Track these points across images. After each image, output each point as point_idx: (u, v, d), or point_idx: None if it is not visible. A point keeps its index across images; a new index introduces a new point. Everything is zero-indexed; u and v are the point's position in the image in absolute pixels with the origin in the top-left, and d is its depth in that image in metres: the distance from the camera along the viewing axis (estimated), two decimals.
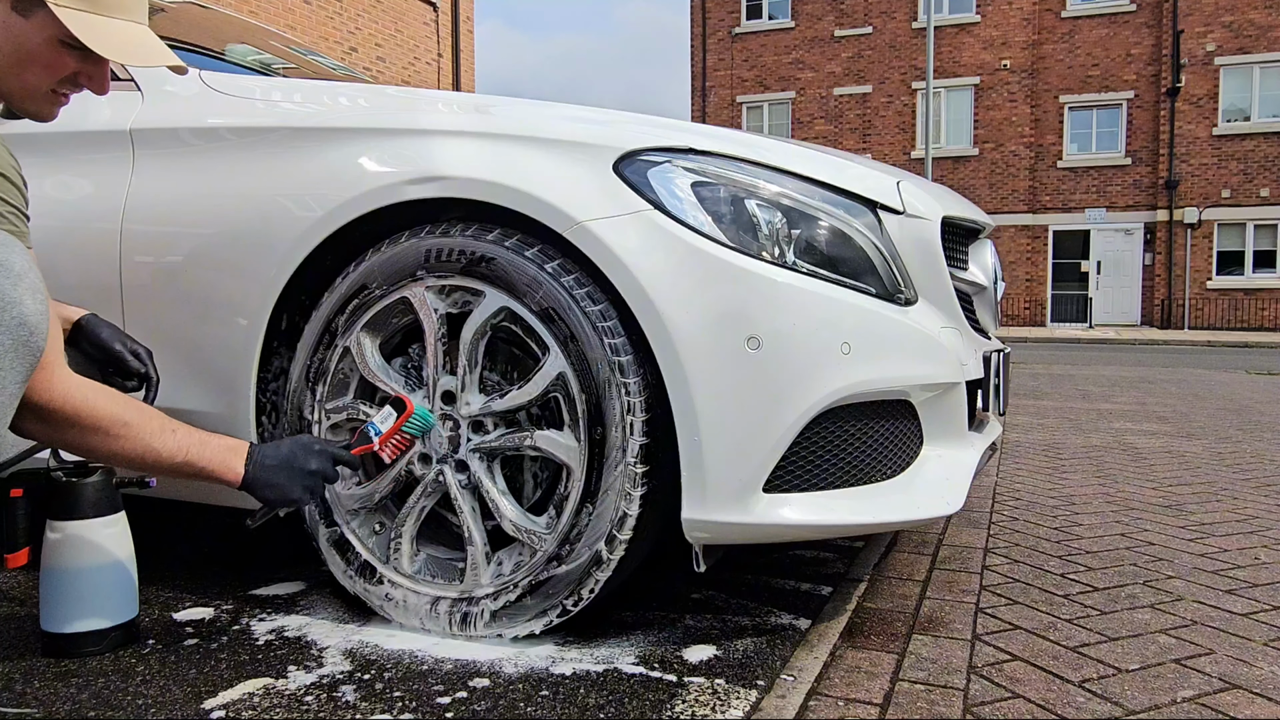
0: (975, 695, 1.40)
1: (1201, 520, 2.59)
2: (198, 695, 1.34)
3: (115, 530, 1.49)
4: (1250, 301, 20.99)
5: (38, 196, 1.84)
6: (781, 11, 24.72)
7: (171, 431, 1.33)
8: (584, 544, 1.50)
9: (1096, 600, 1.86)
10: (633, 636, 1.60)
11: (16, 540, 1.37)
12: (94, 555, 1.46)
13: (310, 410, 1.67)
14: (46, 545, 1.45)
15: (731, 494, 1.44)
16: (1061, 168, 22.35)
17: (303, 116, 1.70)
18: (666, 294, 1.43)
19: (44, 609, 1.48)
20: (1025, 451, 3.81)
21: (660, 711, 1.31)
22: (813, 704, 1.34)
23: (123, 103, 1.81)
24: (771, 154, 1.57)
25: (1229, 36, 20.85)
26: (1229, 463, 3.57)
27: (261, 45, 2.48)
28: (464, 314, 1.58)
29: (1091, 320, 21.94)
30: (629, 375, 1.46)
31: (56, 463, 1.48)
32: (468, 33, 13.95)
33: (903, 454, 1.60)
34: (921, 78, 22.70)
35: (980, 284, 1.95)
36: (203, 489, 1.74)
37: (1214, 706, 1.37)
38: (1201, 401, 5.90)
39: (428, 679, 1.41)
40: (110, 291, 1.74)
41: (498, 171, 1.52)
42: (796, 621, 1.70)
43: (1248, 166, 20.87)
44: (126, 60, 1.31)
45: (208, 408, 1.69)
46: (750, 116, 25.08)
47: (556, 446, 1.53)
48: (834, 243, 1.55)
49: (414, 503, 1.61)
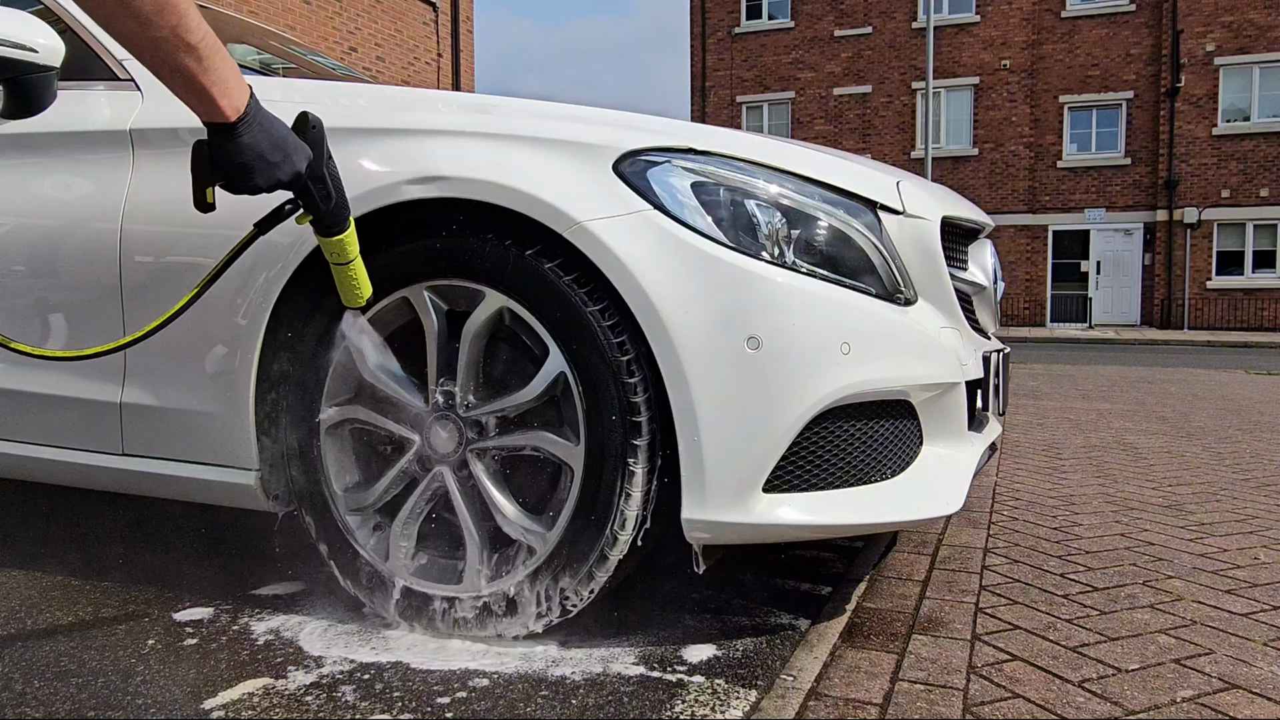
0: (975, 695, 1.40)
1: (1201, 520, 2.59)
2: (198, 695, 1.34)
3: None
4: (1250, 301, 20.98)
5: (38, 196, 1.84)
6: (781, 11, 24.71)
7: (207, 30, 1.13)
8: (583, 544, 1.50)
9: (1096, 600, 1.86)
10: (633, 636, 1.60)
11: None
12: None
13: (311, 410, 1.67)
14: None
15: (731, 494, 1.44)
16: (1061, 168, 22.34)
17: None
18: (666, 294, 1.43)
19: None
20: (1025, 451, 3.81)
21: (660, 711, 1.31)
22: (812, 704, 1.34)
23: (123, 102, 1.81)
24: (771, 154, 1.57)
25: (1229, 36, 20.84)
26: (1229, 463, 3.57)
27: (261, 45, 2.48)
28: (464, 314, 1.58)
29: (1091, 320, 21.93)
30: (629, 375, 1.46)
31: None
32: (468, 33, 13.95)
33: (902, 454, 1.60)
34: (921, 78, 22.68)
35: (980, 284, 1.95)
36: (204, 490, 1.74)
37: (1214, 706, 1.37)
38: (1201, 401, 5.90)
39: (427, 679, 1.41)
40: (110, 291, 1.74)
41: (498, 172, 1.52)
42: (796, 621, 1.70)
43: (1247, 166, 20.86)
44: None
45: (207, 408, 1.69)
46: (750, 116, 25.07)
47: (556, 447, 1.53)
48: (834, 243, 1.55)
49: (413, 503, 1.61)
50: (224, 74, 1.15)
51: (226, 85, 1.16)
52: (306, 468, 1.67)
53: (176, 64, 1.12)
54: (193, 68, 1.12)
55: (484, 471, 1.57)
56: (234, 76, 1.17)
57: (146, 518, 2.43)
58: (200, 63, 1.12)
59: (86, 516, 2.45)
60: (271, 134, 1.22)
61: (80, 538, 2.23)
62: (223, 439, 1.69)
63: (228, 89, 1.16)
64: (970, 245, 2.01)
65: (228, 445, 1.69)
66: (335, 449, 1.68)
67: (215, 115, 1.17)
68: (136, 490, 1.84)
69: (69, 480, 1.89)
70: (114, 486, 1.85)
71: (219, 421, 1.68)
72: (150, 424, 1.75)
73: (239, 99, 1.17)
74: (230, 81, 1.16)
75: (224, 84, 1.16)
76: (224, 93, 1.16)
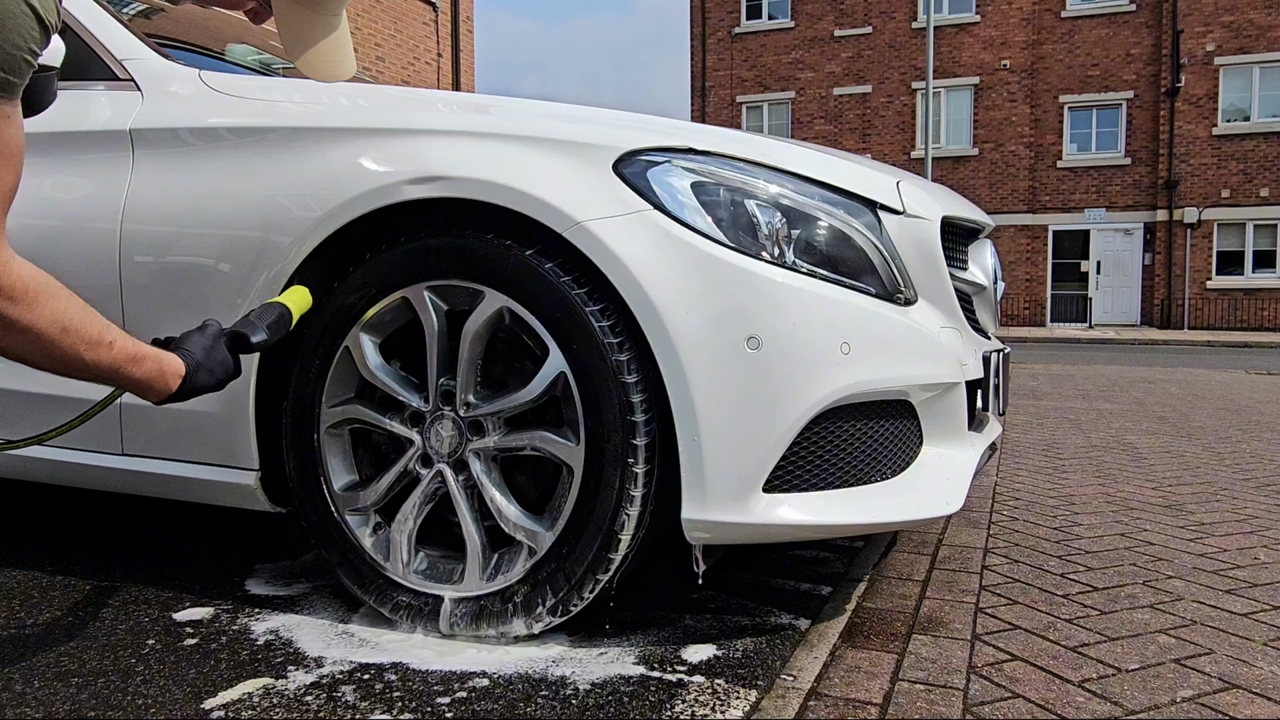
0: (975, 695, 1.40)
1: (1201, 520, 2.59)
2: (198, 695, 1.34)
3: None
4: (1250, 301, 20.98)
5: (37, 197, 1.84)
6: (781, 11, 24.71)
7: (109, 345, 1.24)
8: (584, 544, 1.50)
9: (1096, 600, 1.86)
10: (633, 636, 1.60)
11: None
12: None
13: (311, 410, 1.67)
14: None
15: (731, 494, 1.44)
16: (1061, 168, 22.35)
17: (302, 116, 1.70)
18: (666, 294, 1.43)
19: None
20: (1025, 451, 3.81)
21: (660, 711, 1.31)
22: (812, 704, 1.34)
23: (123, 102, 1.81)
24: (771, 154, 1.57)
25: (1229, 36, 20.85)
26: (1229, 463, 3.57)
27: (261, 45, 2.48)
28: (464, 314, 1.58)
29: (1091, 320, 21.94)
30: (629, 375, 1.46)
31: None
32: (468, 33, 13.95)
33: (902, 454, 1.60)
34: (921, 78, 22.69)
35: (980, 284, 1.95)
36: (204, 490, 1.74)
37: (1214, 706, 1.37)
38: (1201, 401, 5.90)
39: (427, 679, 1.41)
40: (110, 291, 1.74)
41: (497, 171, 1.52)
42: (796, 621, 1.70)
43: (1247, 166, 20.87)
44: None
45: (207, 408, 1.68)
46: (750, 116, 25.07)
47: (556, 446, 1.53)
48: (834, 243, 1.55)
49: (413, 503, 1.61)
50: (144, 375, 1.30)
51: (149, 384, 1.32)
52: (306, 468, 1.68)
53: (103, 381, 1.28)
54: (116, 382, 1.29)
55: (484, 471, 1.57)
56: (154, 371, 1.31)
57: (146, 518, 2.43)
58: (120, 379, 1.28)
59: (86, 516, 2.45)
60: (208, 379, 1.39)
61: (80, 538, 2.23)
62: (223, 439, 1.69)
63: (149, 387, 1.32)
64: (970, 245, 2.01)
65: (228, 445, 1.69)
66: (335, 449, 1.68)
67: (152, 398, 1.34)
68: (136, 490, 1.84)
69: (69, 480, 1.89)
70: (114, 486, 1.85)
71: (219, 421, 1.68)
72: (150, 424, 1.75)
73: (168, 385, 1.34)
74: (153, 379, 1.32)
75: (147, 382, 1.31)
76: (147, 387, 1.32)
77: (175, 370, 1.33)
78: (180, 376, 1.34)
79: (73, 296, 1.19)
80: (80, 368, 1.21)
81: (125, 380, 1.28)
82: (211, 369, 1.38)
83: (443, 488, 1.60)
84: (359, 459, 1.72)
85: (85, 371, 1.23)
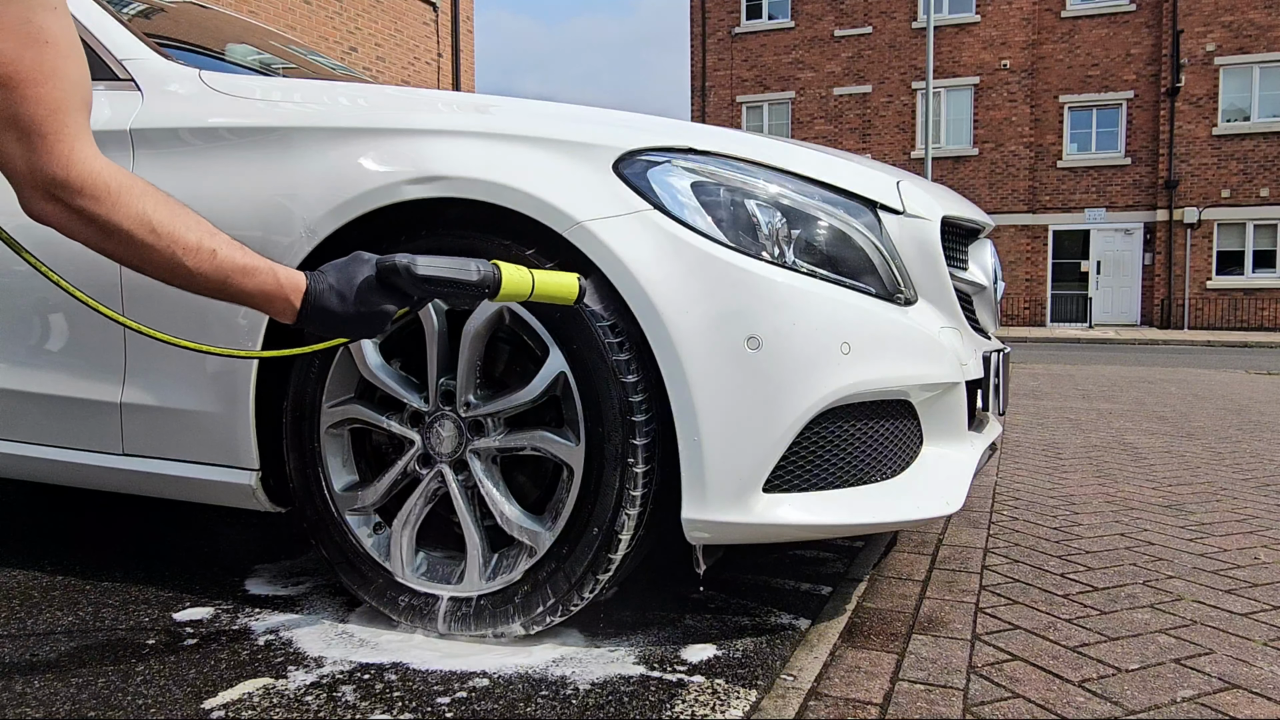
0: (975, 695, 1.40)
1: (1201, 520, 2.59)
2: (198, 695, 1.34)
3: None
4: (1250, 301, 20.98)
5: None
6: (781, 11, 24.71)
7: (211, 252, 1.17)
8: (584, 544, 1.50)
9: (1096, 600, 1.86)
10: (633, 636, 1.60)
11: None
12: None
13: (311, 410, 1.67)
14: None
15: (731, 494, 1.44)
16: (1061, 168, 22.35)
17: (302, 116, 1.70)
18: (666, 294, 1.43)
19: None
20: (1025, 451, 3.81)
21: (660, 711, 1.31)
22: (812, 704, 1.34)
23: (123, 102, 1.81)
24: (771, 154, 1.57)
25: (1229, 36, 20.85)
26: (1229, 463, 3.57)
27: (261, 45, 2.48)
28: (464, 314, 1.57)
29: (1091, 320, 21.94)
30: (629, 375, 1.46)
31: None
32: (468, 33, 13.95)
33: (902, 454, 1.60)
34: (921, 78, 22.70)
35: (980, 284, 1.95)
36: (204, 490, 1.74)
37: (1214, 706, 1.37)
38: (1201, 401, 5.90)
39: (427, 679, 1.41)
40: (110, 291, 1.74)
41: (497, 171, 1.51)
42: (796, 621, 1.70)
43: (1247, 166, 20.87)
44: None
45: (207, 408, 1.69)
46: (750, 116, 25.07)
47: (556, 447, 1.53)
48: (834, 243, 1.55)
49: (413, 503, 1.61)
50: (258, 288, 1.22)
51: (269, 299, 1.23)
52: (306, 467, 1.68)
53: (213, 295, 1.21)
54: (227, 296, 1.21)
55: (484, 472, 1.57)
56: (271, 284, 1.22)
57: (146, 518, 2.43)
58: (231, 292, 1.21)
59: (86, 516, 2.45)
60: (341, 306, 1.26)
61: (80, 538, 2.23)
62: (223, 439, 1.69)
63: (270, 302, 1.23)
64: (970, 245, 2.01)
65: (228, 445, 1.69)
66: (335, 449, 1.68)
67: (281, 316, 1.25)
68: (137, 490, 1.84)
69: (69, 480, 1.89)
70: (114, 486, 1.85)
71: (219, 421, 1.68)
72: (151, 424, 1.75)
73: (289, 300, 1.24)
74: (271, 294, 1.22)
75: (265, 297, 1.22)
76: (267, 302, 1.23)
77: (295, 285, 1.23)
78: (301, 292, 1.23)
79: (166, 200, 1.15)
80: (186, 276, 1.16)
81: (238, 293, 1.20)
82: (343, 292, 1.24)
83: (443, 488, 1.60)
84: (359, 459, 1.72)
85: (194, 281, 1.17)
